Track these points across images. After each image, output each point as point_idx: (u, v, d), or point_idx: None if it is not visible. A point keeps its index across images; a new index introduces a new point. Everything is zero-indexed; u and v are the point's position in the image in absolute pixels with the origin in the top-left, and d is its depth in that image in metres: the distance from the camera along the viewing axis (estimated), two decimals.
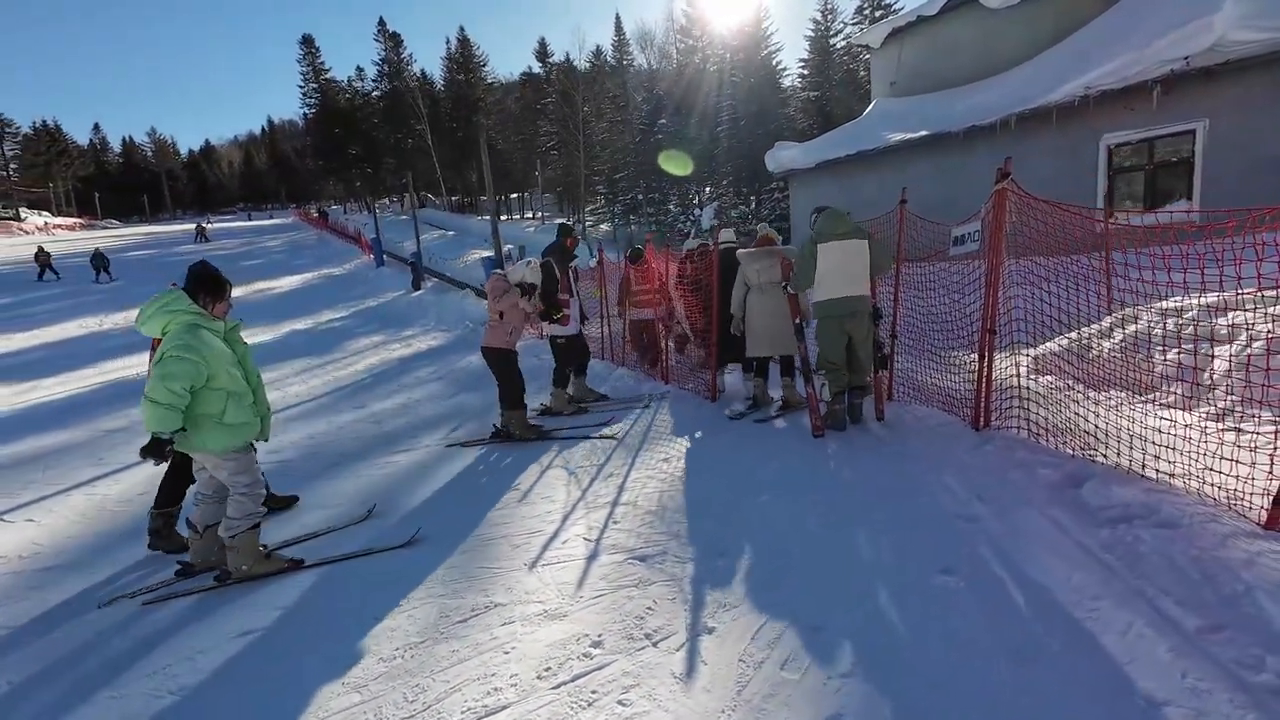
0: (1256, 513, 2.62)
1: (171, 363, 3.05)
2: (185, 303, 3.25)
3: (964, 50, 17.98)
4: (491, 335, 5.75)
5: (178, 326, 3.20)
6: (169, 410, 3.03)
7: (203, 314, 3.29)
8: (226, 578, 3.36)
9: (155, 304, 3.23)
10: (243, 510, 3.35)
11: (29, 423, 7.90)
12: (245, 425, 3.34)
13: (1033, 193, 4.18)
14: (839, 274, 4.63)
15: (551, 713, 2.11)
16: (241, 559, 3.35)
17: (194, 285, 3.35)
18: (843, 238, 4.64)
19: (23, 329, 15.99)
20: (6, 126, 60.37)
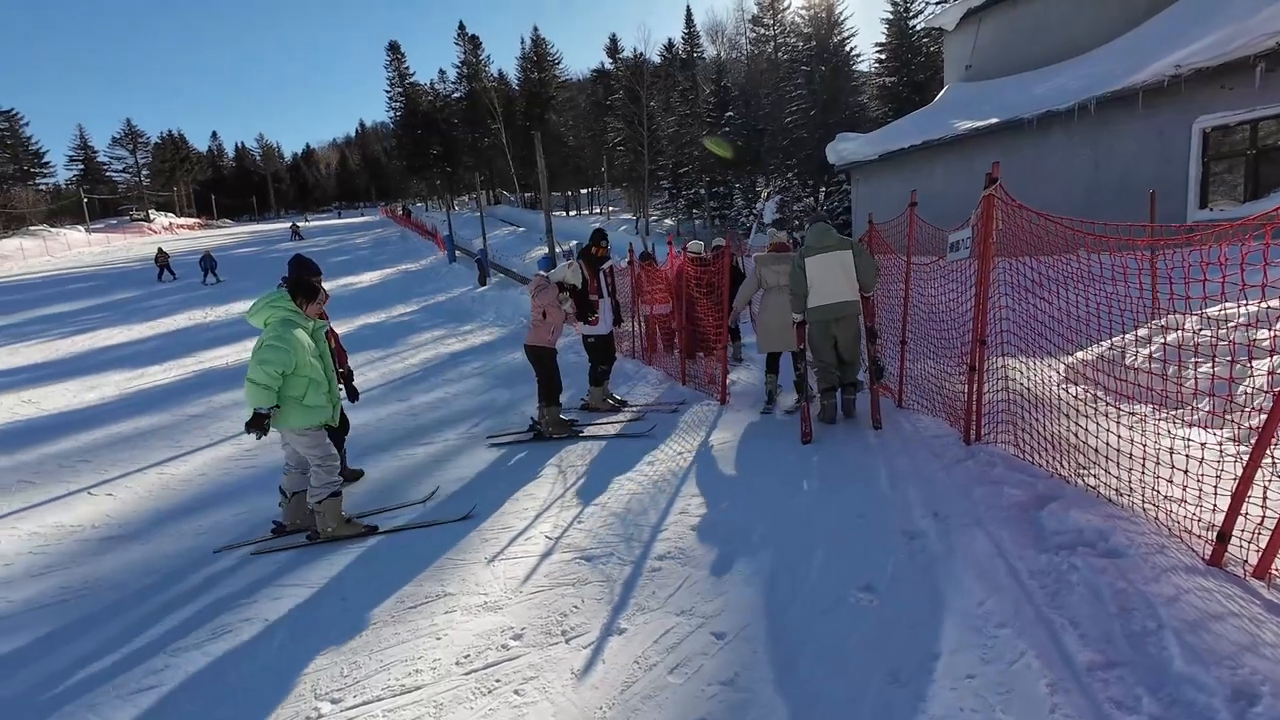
0: (1204, 547, 2.48)
1: (268, 350, 3.64)
2: (286, 302, 3.87)
3: (1048, 30, 16.75)
4: (534, 333, 5.93)
5: (276, 320, 3.81)
6: (266, 390, 3.63)
7: (298, 312, 3.89)
8: (316, 537, 3.94)
9: (263, 300, 3.88)
10: (321, 480, 3.89)
11: (131, 407, 8.99)
12: (321, 409, 3.89)
13: (1117, 183, 3.95)
14: (825, 283, 4.95)
15: (455, 696, 2.33)
16: (326, 522, 3.91)
17: (293, 288, 3.92)
18: (826, 250, 4.96)
19: (142, 321, 17.97)
20: (139, 137, 67.56)
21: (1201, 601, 2.21)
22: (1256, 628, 2.04)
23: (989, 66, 18.43)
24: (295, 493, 4.11)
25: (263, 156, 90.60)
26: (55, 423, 8.27)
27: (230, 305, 19.35)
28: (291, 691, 2.47)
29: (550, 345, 5.92)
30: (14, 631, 3.21)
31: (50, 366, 12.64)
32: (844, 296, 4.91)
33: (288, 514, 4.15)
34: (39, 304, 21.57)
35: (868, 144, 19.13)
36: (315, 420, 3.87)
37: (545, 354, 5.88)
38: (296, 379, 3.75)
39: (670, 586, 2.92)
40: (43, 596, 3.59)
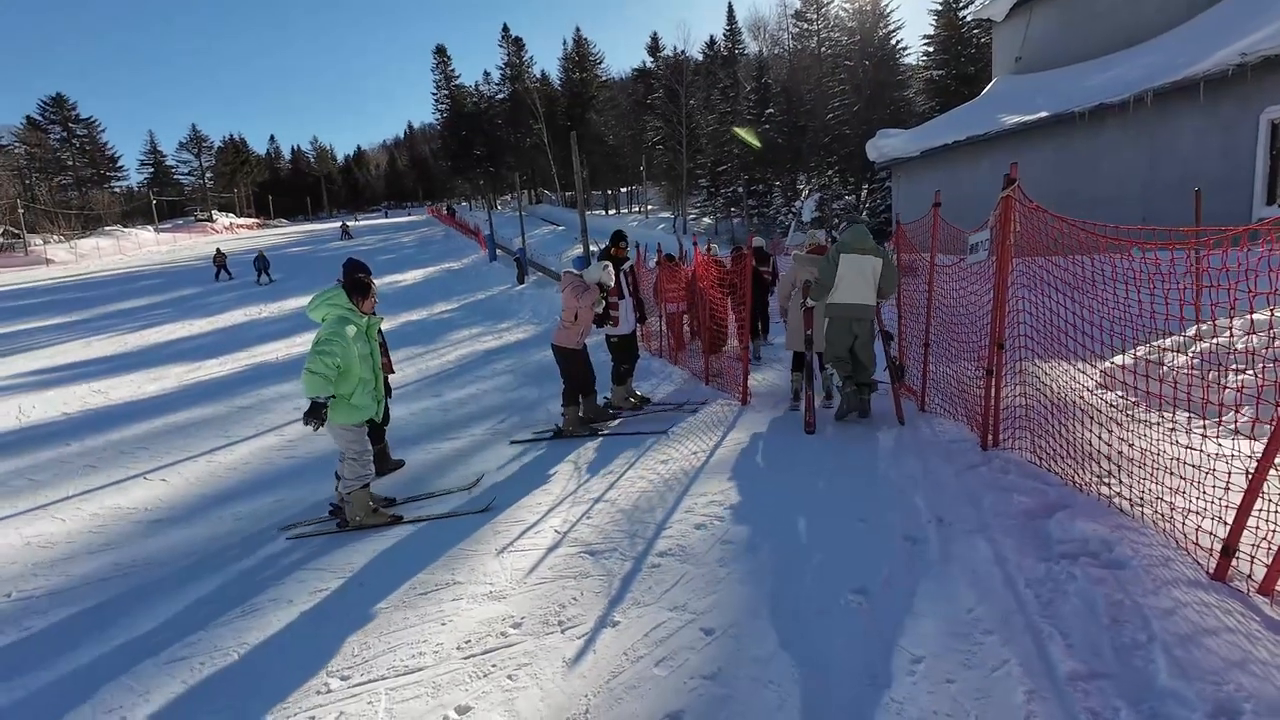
0: (1210, 560, 2.41)
1: (326, 344, 3.92)
2: (342, 299, 4.16)
3: (1105, 17, 16.00)
4: (563, 334, 5.97)
5: (333, 316, 4.09)
6: (324, 380, 3.88)
7: (353, 309, 4.16)
8: (345, 525, 4.18)
9: (322, 297, 4.18)
10: (354, 472, 4.16)
11: (188, 398, 9.55)
12: (366, 408, 4.17)
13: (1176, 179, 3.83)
14: (854, 282, 5.15)
15: (453, 679, 2.47)
16: (354, 511, 4.16)
17: (348, 286, 4.21)
18: (863, 253, 5.17)
19: (201, 316, 18.96)
20: (203, 142, 71.14)
21: (1197, 616, 2.16)
22: (1250, 644, 1.99)
23: (1040, 58, 17.75)
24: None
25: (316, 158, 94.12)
26: (120, 412, 8.85)
27: (282, 302, 20.25)
28: (306, 667, 2.65)
29: (577, 346, 5.98)
30: (71, 603, 3.51)
31: (119, 359, 13.50)
32: (866, 300, 5.18)
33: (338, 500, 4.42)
34: (111, 300, 22.99)
35: (909, 140, 18.68)
36: (358, 418, 4.12)
37: (572, 355, 5.95)
38: (347, 378, 4.02)
39: (667, 583, 2.99)
40: (98, 572, 3.90)
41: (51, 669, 2.86)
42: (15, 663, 2.94)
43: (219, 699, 2.53)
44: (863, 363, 5.25)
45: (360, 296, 4.21)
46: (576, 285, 5.91)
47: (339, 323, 4.04)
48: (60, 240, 44.31)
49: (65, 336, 16.95)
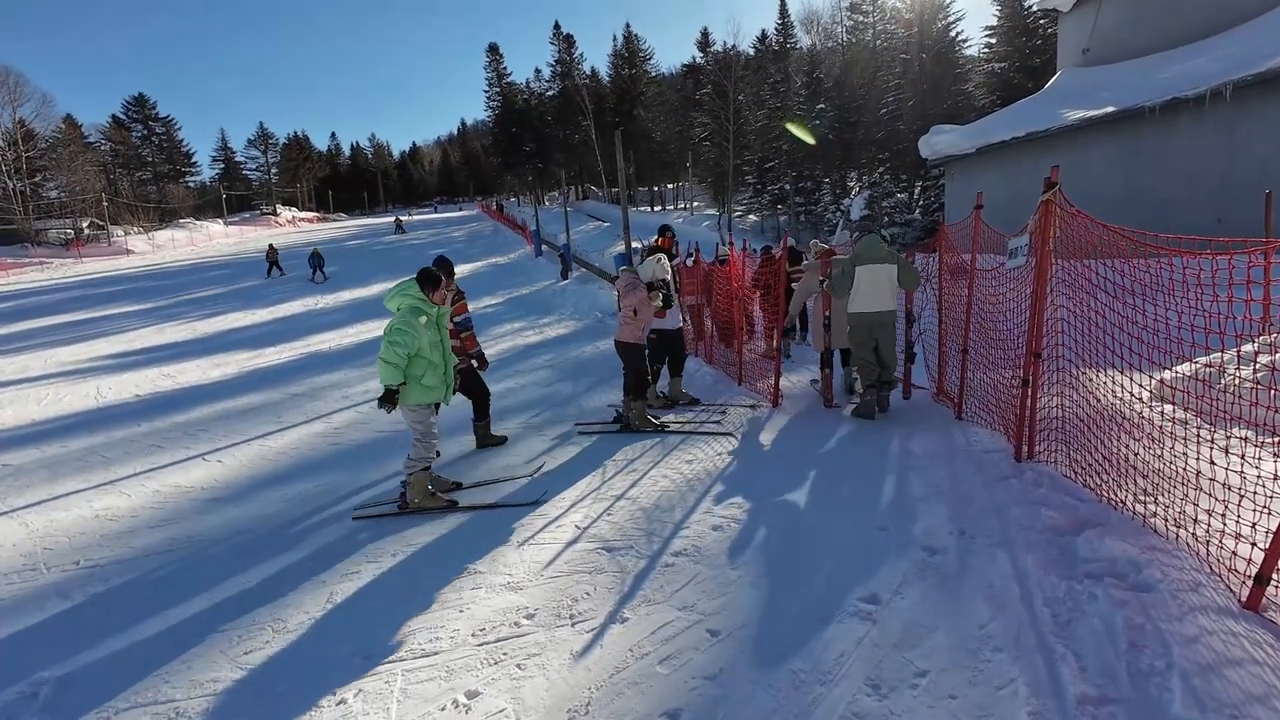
0: (1243, 588, 2.29)
1: (398, 334, 4.17)
2: (415, 290, 4.42)
3: (1181, 6, 15.04)
4: (624, 330, 5.98)
5: (405, 307, 4.34)
6: (396, 368, 4.15)
7: (424, 300, 4.41)
8: (405, 507, 4.38)
9: (398, 288, 4.45)
10: (417, 454, 4.35)
11: (247, 384, 10.08)
12: (435, 389, 4.41)
13: (1255, 179, 3.65)
14: (871, 291, 5.47)
15: (465, 664, 2.58)
16: (413, 494, 4.36)
17: (421, 279, 4.47)
18: (877, 262, 5.49)
19: (263, 306, 19.91)
20: (269, 139, 74.63)
21: (1223, 645, 2.07)
22: (1276, 678, 1.89)
23: (1109, 49, 16.82)
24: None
25: (374, 154, 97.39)
26: (186, 396, 9.42)
27: (339, 294, 21.10)
28: (332, 644, 2.81)
29: (640, 342, 5.98)
30: (129, 573, 3.81)
31: (187, 345, 14.33)
32: (886, 305, 5.50)
33: (434, 481, 4.66)
34: (183, 289, 24.40)
35: (964, 136, 18.02)
36: (429, 399, 4.37)
37: (635, 350, 5.95)
38: (418, 360, 4.27)
39: (679, 582, 3.03)
40: (155, 545, 4.20)
41: (109, 631, 3.11)
42: (81, 624, 3.22)
43: (251, 669, 2.70)
44: (886, 362, 5.59)
45: (431, 288, 4.47)
46: (631, 283, 5.94)
47: (411, 312, 4.30)
48: (139, 232, 47.26)
49: (141, 322, 18.10)
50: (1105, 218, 4.49)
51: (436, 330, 4.46)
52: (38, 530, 4.58)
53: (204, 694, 2.56)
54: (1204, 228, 11.22)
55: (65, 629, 3.20)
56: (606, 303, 16.47)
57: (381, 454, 5.94)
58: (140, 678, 2.72)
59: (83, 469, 6.11)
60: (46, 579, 3.78)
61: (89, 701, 2.58)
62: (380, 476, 5.29)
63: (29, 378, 11.38)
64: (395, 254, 32.99)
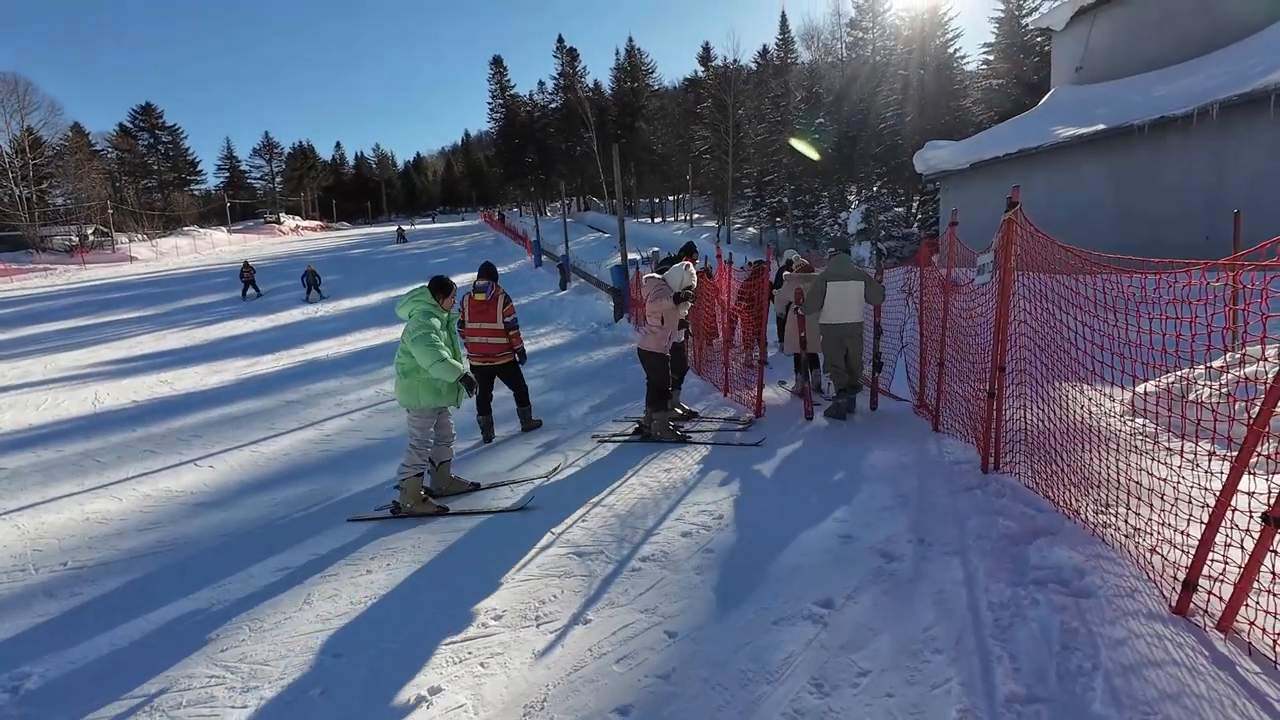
0: (1174, 593, 2.38)
1: (421, 338, 4.35)
2: (428, 297, 4.65)
3: (1172, 26, 15.24)
4: (649, 338, 5.90)
5: (419, 312, 4.52)
6: (445, 363, 4.34)
7: (435, 305, 4.62)
8: (397, 511, 4.48)
9: (410, 296, 4.65)
10: (410, 460, 4.47)
11: (244, 391, 10.20)
12: (443, 394, 4.53)
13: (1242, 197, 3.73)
14: (841, 305, 6.05)
15: (431, 662, 2.67)
16: (405, 499, 4.46)
17: (433, 286, 4.70)
18: (846, 279, 6.05)
19: (263, 314, 20.08)
20: (274, 148, 75.51)
21: (1147, 648, 2.16)
22: (1190, 678, 1.98)
23: (1102, 68, 17.05)
24: (441, 461, 4.78)
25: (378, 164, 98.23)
26: (183, 402, 9.55)
27: (339, 302, 21.27)
28: (304, 644, 2.90)
29: (664, 351, 5.90)
30: (116, 575, 3.91)
31: (187, 352, 14.49)
32: (855, 318, 6.10)
33: (434, 481, 4.80)
34: (185, 296, 24.62)
35: (959, 152, 18.21)
36: (436, 402, 4.51)
37: (659, 360, 5.87)
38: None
39: (643, 586, 3.13)
40: (142, 548, 4.30)
41: (91, 630, 3.21)
42: (64, 623, 3.32)
43: (226, 666, 2.80)
44: (853, 369, 6.18)
45: (442, 295, 4.68)
46: (659, 289, 5.84)
47: (424, 316, 4.48)
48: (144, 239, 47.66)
49: (142, 329, 18.27)
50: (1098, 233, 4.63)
51: (446, 333, 4.63)
52: (28, 532, 4.68)
53: (178, 689, 2.65)
54: (1193, 244, 11.35)
55: (49, 627, 3.30)
56: (604, 314, 16.62)
57: (369, 461, 6.05)
58: (118, 674, 2.81)
59: (76, 473, 6.22)
60: (34, 579, 3.88)
61: (66, 695, 2.68)
62: (366, 482, 5.39)
63: (30, 382, 11.53)
64: (396, 264, 33.26)
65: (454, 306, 4.83)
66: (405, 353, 4.48)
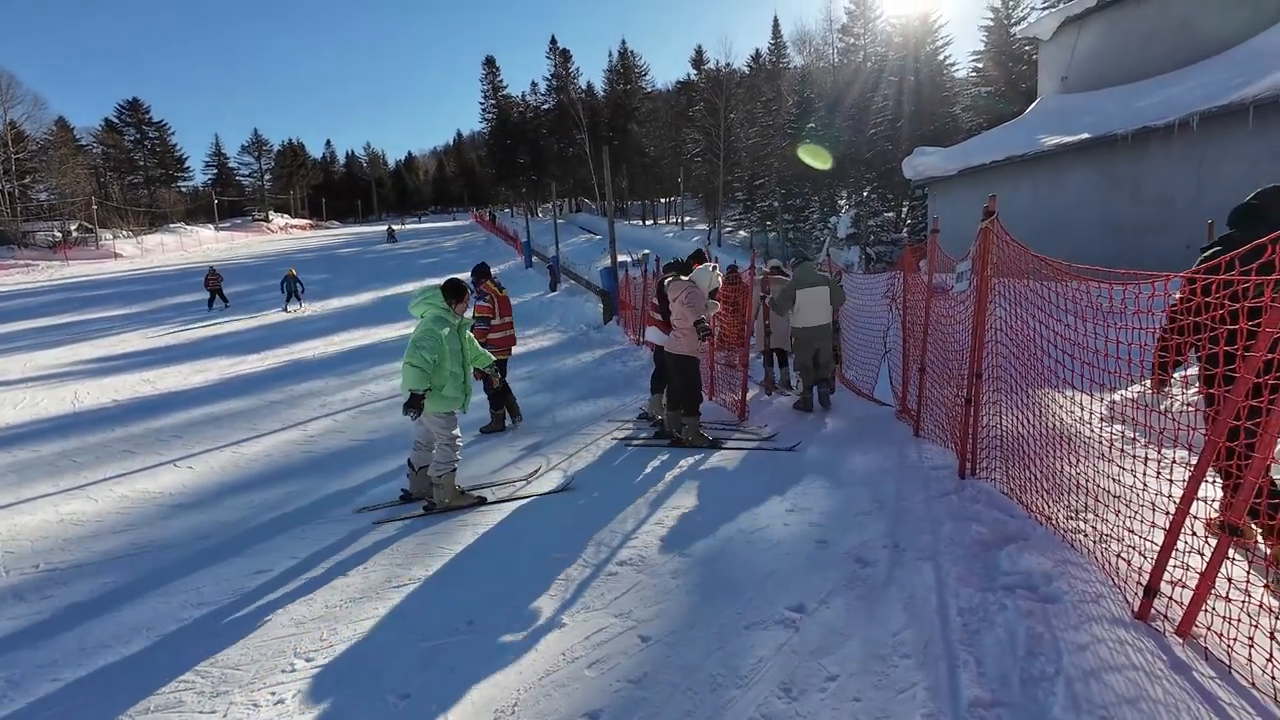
0: (1135, 600, 2.42)
1: (424, 339, 4.28)
2: (440, 299, 4.57)
3: (1155, 38, 15.48)
4: (681, 341, 5.69)
5: (430, 314, 4.49)
6: (422, 372, 4.25)
7: (448, 310, 4.57)
8: (432, 508, 4.50)
9: (423, 295, 4.60)
10: (445, 457, 4.52)
11: (227, 391, 10.11)
12: (455, 399, 4.56)
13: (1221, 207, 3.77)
14: (809, 309, 6.60)
15: (402, 667, 2.67)
16: (443, 494, 4.49)
17: (446, 290, 4.62)
18: (813, 285, 6.62)
19: (249, 313, 19.92)
20: (264, 145, 74.81)
21: (1108, 652, 2.20)
22: (1149, 682, 2.02)
23: (1087, 78, 17.27)
24: (421, 466, 4.76)
25: (369, 163, 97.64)
26: (164, 401, 9.45)
27: (326, 301, 21.12)
28: (276, 647, 2.89)
29: (696, 354, 5.73)
30: (90, 577, 3.87)
31: (170, 350, 14.34)
32: (823, 321, 6.63)
33: (413, 484, 4.77)
34: (170, 294, 24.38)
35: (946, 159, 18.39)
36: (448, 408, 4.51)
37: (690, 363, 5.68)
38: (439, 370, 4.37)
39: (618, 590, 3.14)
40: (118, 550, 4.26)
41: (59, 631, 3.18)
42: (34, 625, 3.28)
43: (194, 669, 2.78)
44: (821, 364, 6.70)
45: (456, 300, 4.62)
46: (691, 291, 5.68)
47: (435, 321, 4.41)
48: (129, 235, 47.10)
49: (126, 327, 18.06)
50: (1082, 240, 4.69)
51: (458, 339, 4.61)
52: (1, 534, 4.62)
53: (146, 693, 2.63)
54: (1175, 251, 11.53)
55: (18, 630, 3.25)
56: (593, 316, 16.62)
57: (352, 462, 6.02)
58: (86, 677, 2.79)
59: (53, 473, 6.15)
60: (5, 581, 3.83)
61: (28, 696, 2.65)
62: (347, 484, 5.37)
63: (8, 381, 11.36)
64: (386, 263, 33.09)
65: (466, 312, 4.78)
66: None
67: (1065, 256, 4.21)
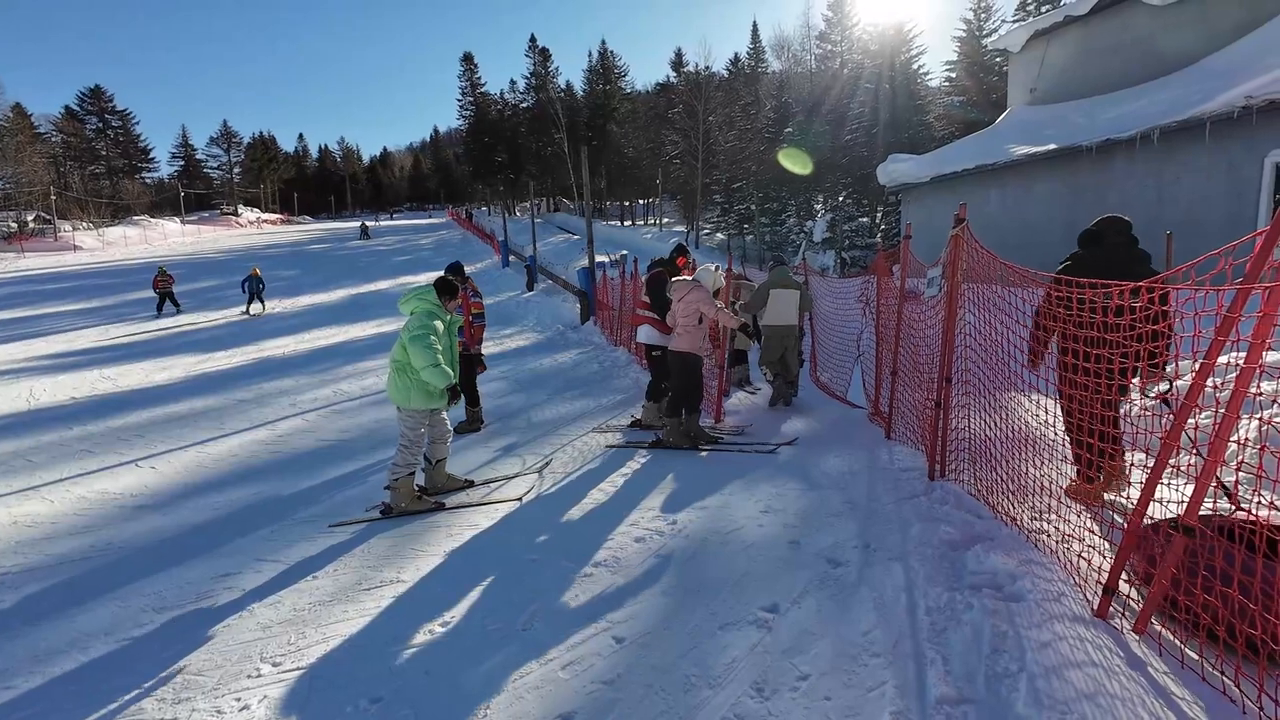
0: (1095, 598, 2.50)
1: (419, 339, 4.26)
2: (432, 296, 4.54)
3: (1119, 54, 16.00)
4: (682, 339, 5.59)
5: (421, 311, 4.44)
6: (438, 368, 4.25)
7: (440, 307, 4.54)
8: (389, 512, 4.39)
9: (415, 293, 4.57)
10: (403, 459, 4.40)
11: (192, 389, 9.84)
12: (438, 396, 4.45)
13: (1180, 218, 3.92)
14: (782, 309, 7.01)
15: (374, 671, 2.63)
16: (399, 499, 4.39)
17: (439, 287, 4.58)
18: (786, 287, 7.05)
19: (217, 309, 19.42)
20: (234, 137, 73.08)
21: (1069, 650, 2.26)
22: (1107, 678, 2.08)
23: (1055, 90, 17.77)
24: (438, 460, 4.72)
25: (343, 158, 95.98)
26: (126, 399, 9.16)
27: (297, 298, 20.69)
28: (244, 653, 2.82)
29: (700, 352, 5.66)
30: (44, 580, 3.74)
31: (134, 347, 13.90)
32: (791, 321, 7.05)
33: (429, 478, 4.76)
34: (133, 288, 23.59)
35: (920, 166, 18.74)
36: (430, 404, 4.44)
37: (693, 360, 5.62)
38: None
39: (593, 592, 3.13)
40: (73, 553, 4.12)
41: (10, 641, 3.06)
42: None
43: (157, 678, 2.70)
44: (789, 364, 7.05)
45: (448, 297, 4.59)
46: (697, 289, 5.60)
47: (427, 316, 4.40)
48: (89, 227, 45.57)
49: (85, 322, 17.48)
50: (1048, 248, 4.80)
51: (447, 337, 4.58)
52: None
53: (102, 701, 2.55)
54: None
55: None
56: (570, 316, 16.56)
57: (322, 463, 5.91)
58: (39, 684, 2.69)
59: (5, 473, 5.92)
60: None
61: None
62: (316, 483, 5.28)
63: None
64: (359, 260, 32.56)
65: (456, 309, 4.75)
66: (403, 348, 4.39)
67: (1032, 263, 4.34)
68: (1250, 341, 1.94)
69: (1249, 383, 1.97)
